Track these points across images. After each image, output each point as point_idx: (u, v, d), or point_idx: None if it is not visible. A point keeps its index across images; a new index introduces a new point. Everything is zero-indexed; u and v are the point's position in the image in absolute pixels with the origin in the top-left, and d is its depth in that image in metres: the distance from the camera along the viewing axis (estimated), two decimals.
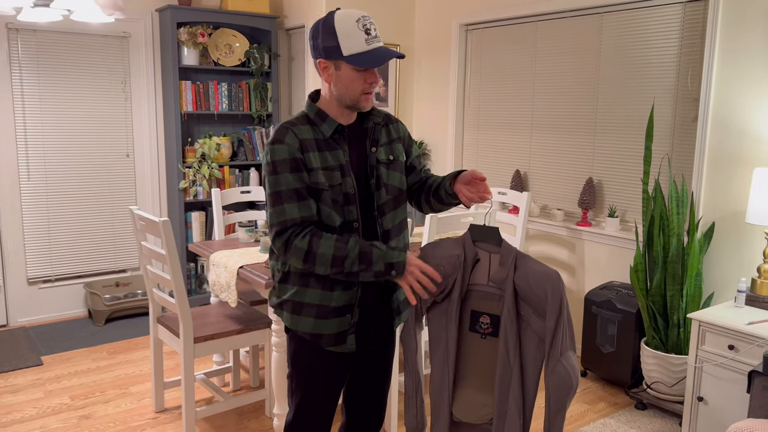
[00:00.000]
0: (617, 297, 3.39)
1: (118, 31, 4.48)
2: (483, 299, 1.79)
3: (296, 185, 1.70)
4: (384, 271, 1.69)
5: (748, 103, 3.04)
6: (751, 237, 3.07)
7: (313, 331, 1.82)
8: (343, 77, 1.72)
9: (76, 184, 4.47)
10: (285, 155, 1.71)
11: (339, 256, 1.67)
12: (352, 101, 1.75)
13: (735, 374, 2.65)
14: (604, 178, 3.82)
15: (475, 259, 1.80)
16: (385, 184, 1.85)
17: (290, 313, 1.84)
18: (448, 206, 1.93)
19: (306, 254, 1.68)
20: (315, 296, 1.80)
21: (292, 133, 1.73)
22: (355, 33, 1.67)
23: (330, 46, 1.69)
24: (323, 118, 1.78)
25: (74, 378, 3.53)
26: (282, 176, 1.70)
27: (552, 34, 4.04)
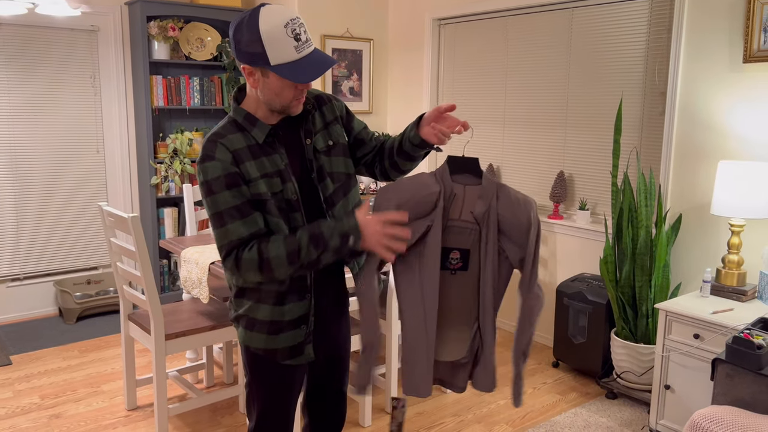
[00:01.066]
0: (588, 289, 3.44)
1: (86, 24, 4.40)
2: (454, 234, 1.69)
3: (236, 202, 1.58)
4: (341, 243, 1.57)
5: (714, 98, 3.10)
6: (716, 228, 3.14)
7: (266, 347, 1.74)
8: (271, 85, 1.56)
9: (46, 180, 4.40)
10: (218, 172, 1.57)
11: (292, 250, 1.56)
12: (282, 108, 1.61)
13: (700, 362, 2.71)
14: (575, 171, 3.86)
15: (452, 195, 1.67)
16: (329, 174, 1.73)
17: (244, 329, 1.76)
18: (416, 160, 1.81)
19: (259, 264, 1.57)
20: (266, 312, 1.71)
21: (222, 146, 1.58)
22: (283, 40, 1.50)
23: (254, 52, 1.51)
24: (253, 122, 1.63)
25: (44, 377, 3.48)
26: (220, 195, 1.57)
27: (523, 29, 4.07)
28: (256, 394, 1.83)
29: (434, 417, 3.12)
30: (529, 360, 3.82)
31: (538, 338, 4.12)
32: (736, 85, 3.00)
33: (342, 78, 4.84)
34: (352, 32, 4.84)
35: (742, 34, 2.95)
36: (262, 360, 1.78)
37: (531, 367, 3.70)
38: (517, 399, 1.84)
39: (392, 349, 3.05)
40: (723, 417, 2.04)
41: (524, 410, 3.19)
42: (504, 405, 3.24)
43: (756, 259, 3.00)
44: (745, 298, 2.83)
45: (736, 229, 2.87)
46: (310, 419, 2.00)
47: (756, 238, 2.99)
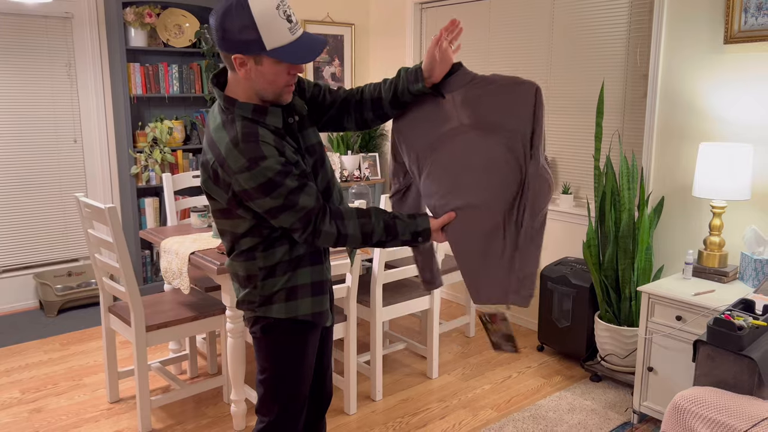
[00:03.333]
0: (572, 272, 3.45)
1: (59, 11, 4.30)
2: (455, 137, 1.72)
3: (295, 184, 1.57)
4: (411, 239, 1.70)
5: (695, 79, 3.09)
6: (698, 210, 3.15)
7: (314, 310, 1.77)
8: (265, 72, 1.53)
9: (22, 172, 4.31)
10: (277, 167, 1.53)
11: (367, 233, 1.66)
12: (274, 96, 1.58)
13: (682, 344, 2.72)
14: (558, 155, 3.86)
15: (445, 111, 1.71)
16: (306, 148, 1.72)
17: (285, 302, 1.73)
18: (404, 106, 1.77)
19: (337, 238, 1.65)
20: (307, 276, 1.75)
21: (265, 144, 1.55)
22: (276, 22, 1.46)
23: (248, 39, 1.47)
24: (263, 111, 1.59)
25: (25, 371, 3.44)
26: (283, 187, 1.55)
27: (505, 13, 4.04)
28: (281, 382, 1.79)
29: (420, 403, 3.12)
30: None
31: (522, 322, 4.13)
32: (717, 66, 3.00)
33: (323, 64, 4.78)
34: (333, 17, 4.77)
35: (723, 15, 2.94)
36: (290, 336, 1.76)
37: None
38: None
39: (376, 337, 3.04)
40: (705, 398, 2.05)
41: (509, 395, 3.20)
42: (489, 390, 3.25)
43: (737, 240, 3.01)
44: (727, 279, 2.85)
45: (718, 211, 2.88)
46: None
47: (737, 220, 3.00)
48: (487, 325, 1.88)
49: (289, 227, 1.62)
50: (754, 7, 2.82)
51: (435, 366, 3.37)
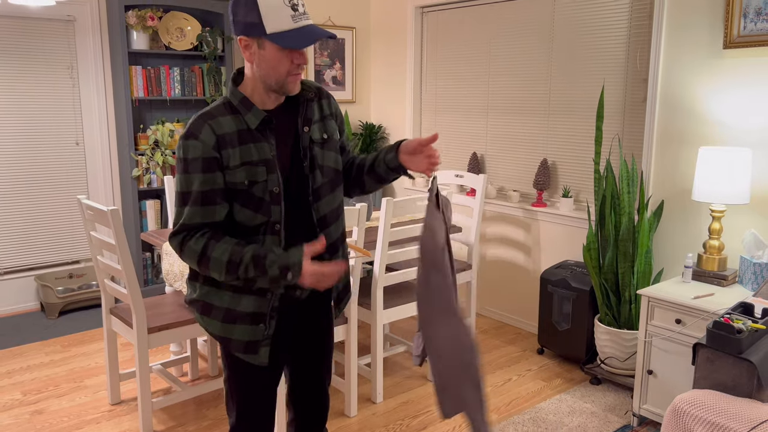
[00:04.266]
0: (572, 275, 3.46)
1: (62, 14, 4.32)
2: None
3: (204, 188, 1.56)
4: (279, 275, 1.55)
5: (695, 84, 3.11)
6: (698, 214, 3.16)
7: (221, 334, 1.71)
8: (267, 57, 1.55)
9: (24, 173, 4.33)
10: (198, 153, 1.55)
11: (233, 261, 1.54)
12: (278, 84, 1.59)
13: (682, 347, 2.73)
14: (558, 159, 3.87)
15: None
16: (320, 166, 1.70)
17: (200, 314, 1.73)
18: (384, 183, 1.80)
19: (200, 257, 1.57)
20: (224, 298, 1.68)
21: (209, 127, 1.56)
22: (279, 8, 1.51)
23: (251, 22, 1.52)
24: (248, 107, 1.60)
25: (26, 373, 3.44)
26: (192, 176, 1.56)
27: (506, 17, 4.06)
28: (234, 388, 1.80)
29: (420, 405, 3.13)
30: (514, 347, 3.84)
31: (522, 325, 4.14)
32: (716, 71, 3.02)
33: (324, 67, 4.80)
34: (334, 20, 4.79)
35: (722, 20, 2.96)
36: (224, 348, 1.77)
37: (516, 355, 3.72)
38: None
39: (377, 339, 3.05)
40: (704, 401, 2.06)
41: (509, 397, 3.21)
42: (489, 392, 3.26)
43: (737, 244, 3.02)
44: (726, 282, 2.86)
45: (717, 215, 2.90)
46: (295, 414, 1.99)
47: (736, 224, 3.02)
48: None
49: (173, 222, 1.62)
50: (753, 12, 2.84)
51: None
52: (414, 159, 1.70)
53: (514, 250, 4.13)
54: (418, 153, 1.70)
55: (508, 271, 4.19)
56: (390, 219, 2.89)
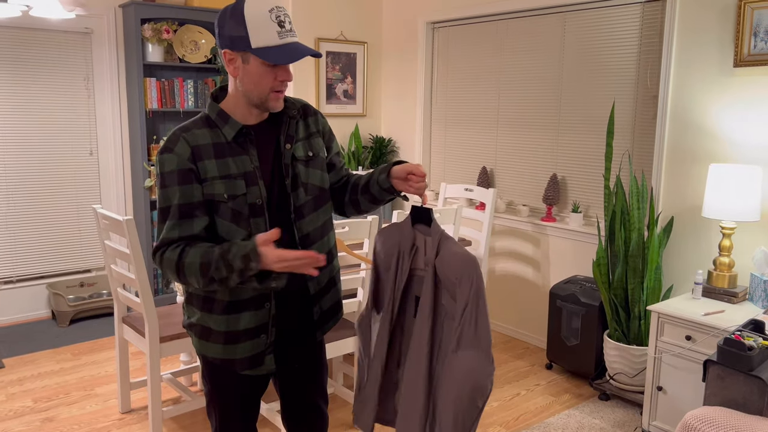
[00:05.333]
0: (581, 291, 3.47)
1: (80, 27, 4.40)
2: (417, 283, 1.71)
3: (180, 201, 1.55)
4: (244, 266, 1.48)
5: (705, 101, 3.13)
6: (708, 230, 3.17)
7: (223, 356, 1.69)
8: (251, 71, 1.55)
9: (38, 182, 4.39)
10: (173, 166, 1.55)
11: (205, 262, 1.51)
12: (260, 99, 1.58)
13: (692, 364, 2.73)
14: (568, 174, 3.89)
15: (413, 245, 1.69)
16: (303, 184, 1.68)
17: (198, 338, 1.71)
18: (379, 204, 1.79)
19: (177, 265, 1.53)
20: (221, 322, 1.66)
21: (184, 140, 1.57)
22: (266, 24, 1.51)
23: (237, 36, 1.52)
24: (225, 119, 1.60)
25: (37, 380, 3.47)
26: (170, 190, 1.56)
27: (516, 33, 4.10)
28: (214, 403, 1.79)
29: None
30: (523, 362, 3.84)
31: (531, 340, 4.14)
32: (726, 89, 3.04)
33: (336, 81, 4.85)
34: (346, 35, 4.85)
35: (732, 39, 2.99)
36: (219, 369, 1.74)
37: (524, 369, 3.72)
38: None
39: None
40: (714, 418, 2.06)
41: (518, 412, 3.20)
42: (497, 407, 3.26)
43: (747, 261, 3.03)
44: (736, 299, 2.86)
45: (727, 232, 2.90)
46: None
47: (747, 241, 3.02)
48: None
49: (157, 237, 1.60)
50: (764, 31, 2.86)
51: None
52: (403, 183, 1.69)
53: (523, 265, 4.14)
54: (407, 181, 1.68)
55: (517, 286, 4.20)
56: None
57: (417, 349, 1.66)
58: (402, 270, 1.71)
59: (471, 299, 1.57)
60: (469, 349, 1.57)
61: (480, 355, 1.57)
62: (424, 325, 1.65)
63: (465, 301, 1.57)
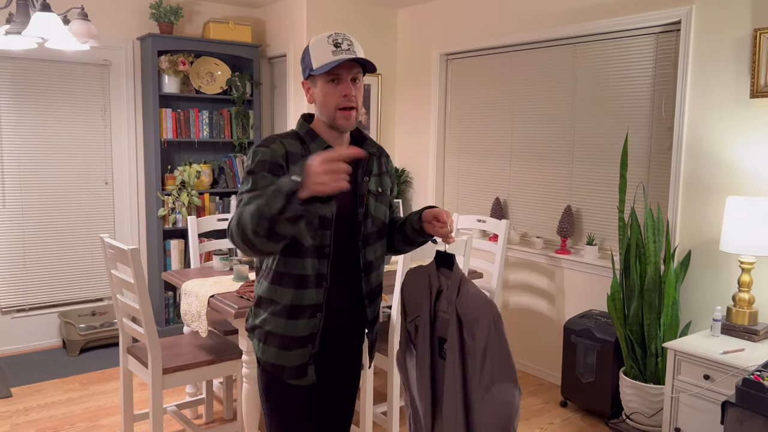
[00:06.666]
0: (596, 326, 3.37)
1: (98, 58, 4.48)
2: (444, 325, 1.79)
3: (267, 183, 1.63)
4: (290, 182, 1.42)
5: (721, 133, 3.06)
6: (727, 265, 3.07)
7: (275, 361, 1.77)
8: (318, 93, 1.71)
9: (54, 211, 4.43)
10: (267, 157, 1.66)
11: (261, 203, 1.46)
12: (330, 118, 1.71)
13: (710, 404, 2.62)
14: (583, 206, 3.82)
15: (439, 287, 1.80)
16: (372, 215, 1.81)
17: (257, 340, 1.80)
18: (413, 245, 1.89)
19: (238, 220, 1.50)
20: (280, 325, 1.75)
21: (280, 142, 1.70)
22: (323, 47, 1.67)
23: (305, 66, 1.72)
24: (313, 137, 1.74)
25: (43, 410, 3.45)
26: (258, 176, 1.64)
27: (529, 64, 4.08)
28: (271, 418, 1.84)
29: None
30: (536, 399, 3.73)
31: (545, 376, 4.02)
32: (743, 120, 2.97)
33: None
34: None
35: (748, 69, 2.93)
36: (272, 379, 1.79)
37: (538, 407, 3.61)
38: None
39: (393, 386, 2.98)
40: None
41: None
42: None
43: None
44: (757, 338, 2.75)
45: (747, 267, 2.81)
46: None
47: (767, 276, 2.92)
48: None
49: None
50: None
51: None
52: (431, 226, 1.79)
53: (537, 298, 4.05)
54: (432, 223, 1.79)
55: (531, 319, 4.10)
56: (408, 263, 2.87)
57: (451, 387, 1.73)
58: (431, 311, 1.82)
59: (492, 337, 1.66)
60: (501, 383, 1.65)
61: (508, 386, 1.66)
62: (455, 365, 1.72)
63: (485, 339, 1.66)
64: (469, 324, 1.69)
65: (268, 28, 5.09)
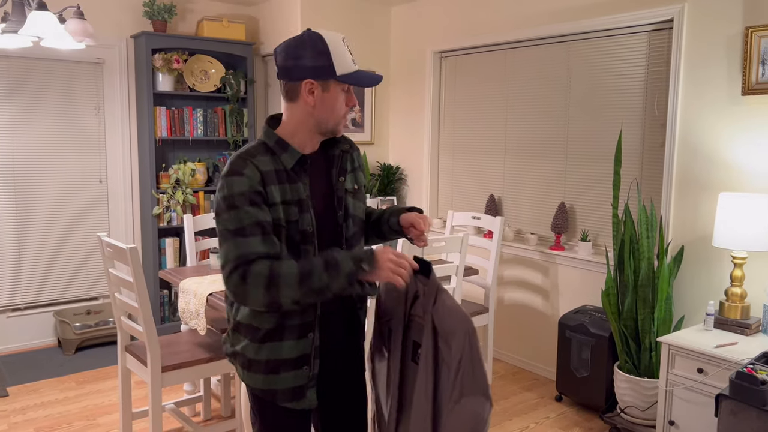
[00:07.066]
0: (590, 321, 3.40)
1: (92, 57, 4.47)
2: (419, 330, 1.76)
3: (259, 218, 1.54)
4: (354, 269, 1.51)
5: (713, 129, 3.10)
6: (719, 260, 3.11)
7: (264, 387, 1.67)
8: (329, 99, 1.61)
9: (48, 210, 4.41)
10: (244, 188, 1.53)
11: (305, 271, 1.49)
12: (335, 125, 1.65)
13: (704, 397, 2.66)
14: (576, 202, 3.85)
15: (416, 292, 1.77)
16: (352, 215, 1.74)
17: (241, 368, 1.70)
18: (385, 240, 1.88)
19: (268, 280, 1.48)
20: (263, 351, 1.65)
21: (252, 165, 1.56)
22: (344, 53, 1.60)
23: (321, 66, 1.57)
24: (284, 147, 1.62)
25: (40, 409, 3.44)
26: (242, 211, 1.52)
27: (523, 62, 4.11)
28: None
29: None
30: (532, 393, 3.76)
31: (540, 371, 4.06)
32: (735, 117, 3.01)
33: None
34: None
35: (740, 67, 2.97)
36: (262, 402, 1.71)
37: (534, 402, 3.64)
38: None
39: None
40: None
41: None
42: None
43: (760, 291, 2.96)
44: (750, 331, 2.79)
45: (739, 262, 2.85)
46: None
47: (759, 271, 2.96)
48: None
49: (226, 261, 1.53)
50: None
51: None
52: (407, 231, 1.80)
53: (531, 294, 4.09)
54: (411, 229, 1.79)
55: (526, 315, 4.14)
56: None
57: (422, 393, 1.70)
58: (406, 315, 1.78)
59: (466, 350, 1.63)
60: (472, 395, 1.62)
61: (481, 398, 1.63)
62: (428, 371, 1.69)
63: (460, 351, 1.63)
64: (445, 334, 1.67)
65: (261, 26, 5.09)
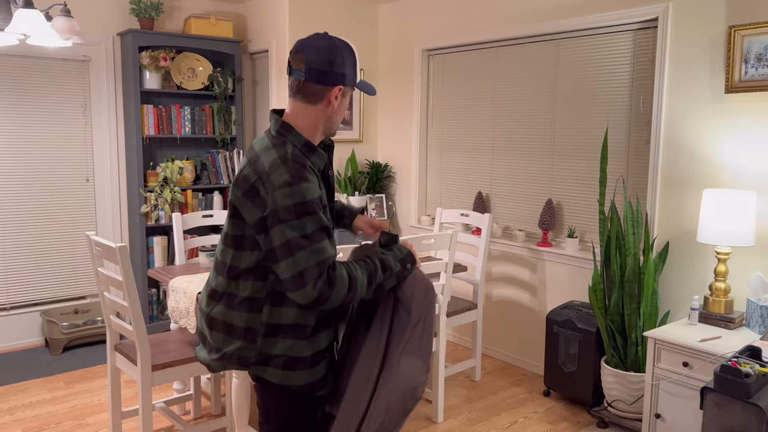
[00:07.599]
0: (578, 316, 3.44)
1: (78, 54, 4.44)
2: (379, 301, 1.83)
3: (325, 223, 1.61)
4: (402, 269, 1.73)
5: (698, 127, 3.15)
6: (704, 256, 3.16)
7: (307, 381, 1.71)
8: (343, 104, 1.73)
9: (34, 209, 4.38)
10: (315, 194, 1.59)
11: (370, 273, 1.66)
12: (337, 127, 1.77)
13: (690, 391, 2.70)
14: (564, 199, 3.89)
15: None
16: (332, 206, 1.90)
17: (282, 369, 1.68)
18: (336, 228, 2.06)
19: (350, 282, 1.60)
20: (310, 346, 1.70)
21: (311, 170, 1.63)
22: (355, 62, 1.73)
23: (352, 74, 1.71)
24: (312, 149, 1.68)
25: (28, 409, 3.42)
26: (317, 216, 1.58)
27: (510, 60, 4.14)
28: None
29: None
30: (520, 388, 3.80)
31: (528, 366, 4.10)
32: (719, 115, 3.06)
33: None
34: None
35: (723, 65, 3.01)
36: (300, 396, 1.73)
37: (522, 396, 3.68)
38: None
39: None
40: None
41: None
42: None
43: (743, 286, 3.01)
44: (733, 325, 2.84)
45: (723, 257, 2.90)
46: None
47: (742, 266, 3.01)
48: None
49: (304, 268, 1.55)
50: (754, 58, 2.89)
51: (440, 410, 3.34)
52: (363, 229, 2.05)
53: (519, 290, 4.12)
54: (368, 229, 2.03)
55: (514, 311, 4.17)
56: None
57: (371, 356, 1.74)
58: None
59: (422, 316, 1.74)
60: (411, 355, 1.71)
61: (419, 362, 1.71)
62: (381, 338, 1.75)
63: (418, 316, 1.73)
64: (407, 300, 1.74)
65: (249, 24, 5.07)
